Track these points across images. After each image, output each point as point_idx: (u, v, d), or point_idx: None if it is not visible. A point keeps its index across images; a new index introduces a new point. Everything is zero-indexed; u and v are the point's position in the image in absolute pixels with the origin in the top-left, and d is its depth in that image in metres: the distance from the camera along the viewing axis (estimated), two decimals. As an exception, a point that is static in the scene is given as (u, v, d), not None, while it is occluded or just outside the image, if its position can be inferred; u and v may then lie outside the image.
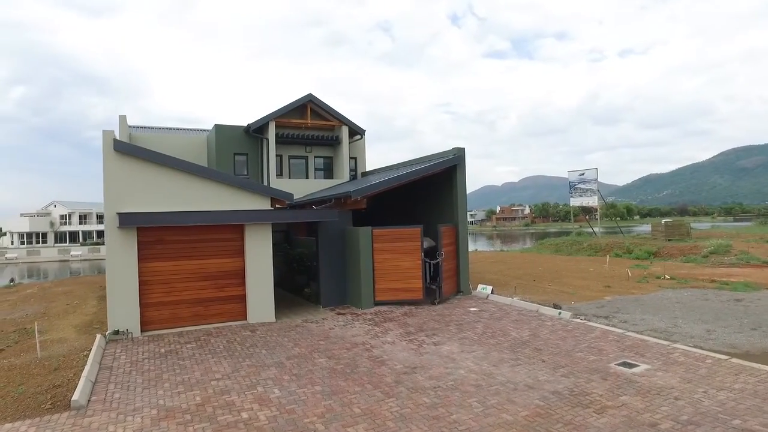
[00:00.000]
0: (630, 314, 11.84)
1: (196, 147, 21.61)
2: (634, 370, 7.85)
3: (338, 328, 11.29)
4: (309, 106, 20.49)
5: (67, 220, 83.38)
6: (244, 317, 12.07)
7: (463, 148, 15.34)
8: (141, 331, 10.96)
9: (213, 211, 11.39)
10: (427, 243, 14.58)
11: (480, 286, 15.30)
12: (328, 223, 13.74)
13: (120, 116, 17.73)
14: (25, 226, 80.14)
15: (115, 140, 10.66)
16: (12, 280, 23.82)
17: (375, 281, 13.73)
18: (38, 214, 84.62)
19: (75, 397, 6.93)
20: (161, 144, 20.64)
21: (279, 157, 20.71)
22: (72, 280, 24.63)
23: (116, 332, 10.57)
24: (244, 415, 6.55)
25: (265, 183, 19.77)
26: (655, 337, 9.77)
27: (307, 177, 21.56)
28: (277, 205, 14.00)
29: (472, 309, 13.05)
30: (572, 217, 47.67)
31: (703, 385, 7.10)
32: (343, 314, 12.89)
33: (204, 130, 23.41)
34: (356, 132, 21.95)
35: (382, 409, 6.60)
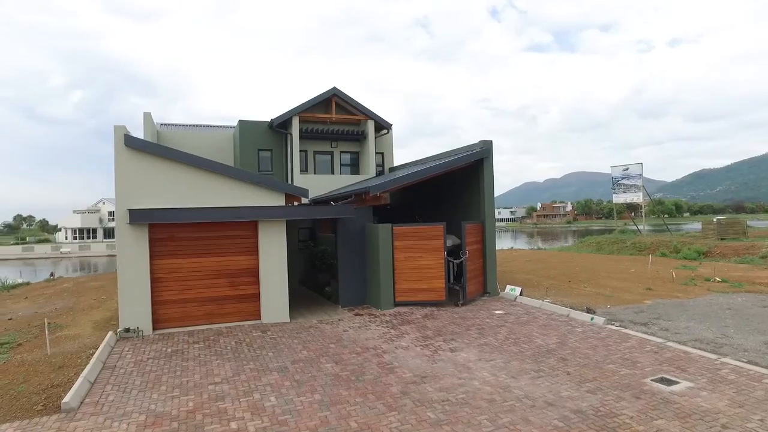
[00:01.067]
0: (672, 321, 10.71)
1: (223, 144, 21.62)
2: (674, 388, 6.90)
3: (352, 330, 10.77)
4: (333, 100, 20.03)
5: (115, 217, 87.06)
6: (258, 317, 11.74)
7: (490, 141, 14.48)
8: (153, 329, 10.81)
9: (224, 208, 11.09)
10: (452, 241, 13.85)
11: (508, 287, 14.41)
12: (347, 219, 13.23)
13: (144, 113, 17.84)
14: (77, 223, 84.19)
15: (126, 135, 10.52)
16: (52, 274, 24.74)
17: (395, 281, 13.13)
18: (89, 211, 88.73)
19: (66, 399, 6.70)
20: (188, 141, 20.77)
21: (304, 152, 20.39)
22: (107, 275, 25.28)
23: (127, 330, 10.45)
24: (233, 425, 6.10)
25: (290, 179, 19.52)
26: (700, 348, 8.70)
27: (332, 173, 21.14)
28: (295, 202, 13.64)
29: (497, 312, 12.23)
30: (615, 214, 45.27)
31: (759, 411, 6.09)
32: (361, 315, 12.36)
33: (231, 127, 23.41)
34: (383, 126, 21.34)
35: (381, 425, 6.00)
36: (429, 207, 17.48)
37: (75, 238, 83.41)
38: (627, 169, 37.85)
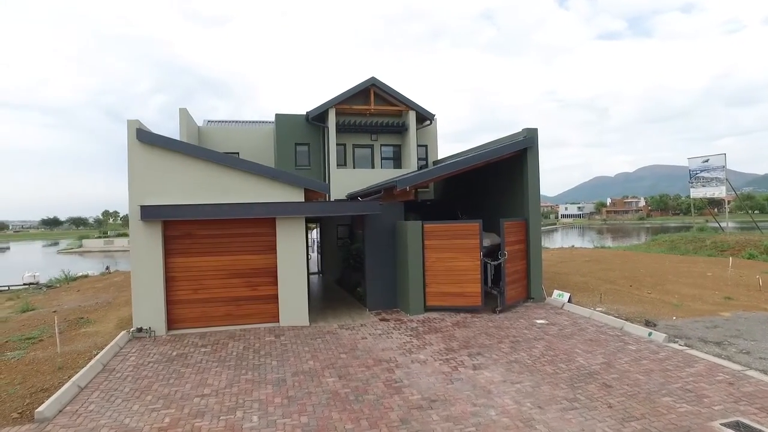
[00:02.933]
0: (757, 341, 8.78)
1: (264, 139, 21.37)
2: (751, 436, 5.33)
3: (371, 338, 9.82)
4: (372, 91, 19.11)
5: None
6: (277, 319, 11.10)
7: (535, 129, 12.95)
8: (168, 329, 10.48)
9: (239, 204, 10.51)
10: (491, 240, 12.51)
11: (555, 292, 12.82)
12: (375, 216, 12.28)
13: (180, 109, 17.84)
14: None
15: (138, 130, 10.20)
16: (107, 268, 25.86)
17: (426, 284, 12.03)
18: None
19: (41, 408, 6.28)
20: (230, 137, 20.75)
21: (342, 146, 19.68)
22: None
23: (139, 330, 10.17)
24: (200, 451, 5.37)
25: (327, 174, 18.90)
26: (791, 380, 6.90)
27: (372, 167, 20.26)
28: (319, 198, 12.89)
29: (538, 321, 10.79)
30: (693, 210, 40.94)
31: None
32: (387, 320, 11.38)
33: (273, 122, 23.20)
34: (425, 117, 20.16)
35: (364, 464, 5.02)
36: (472, 203, 16.19)
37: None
38: (707, 161, 33.94)
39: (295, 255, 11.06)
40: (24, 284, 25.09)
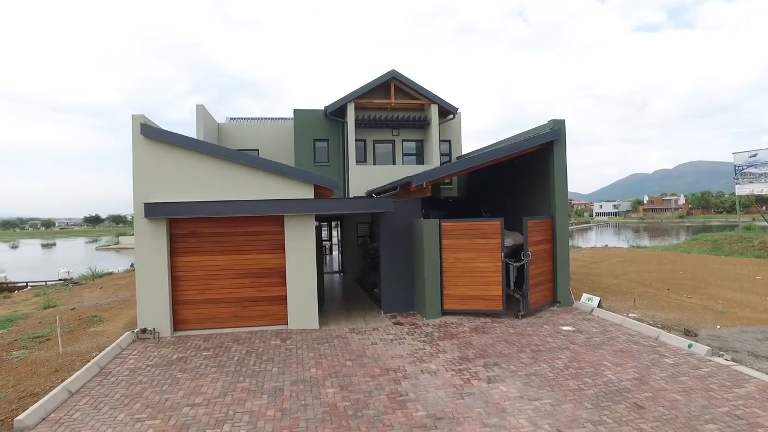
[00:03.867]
0: (815, 356, 7.74)
1: (285, 135, 21.06)
2: (815, 478, 4.45)
3: (382, 344, 9.21)
4: (393, 84, 18.46)
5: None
6: (285, 321, 10.64)
7: (563, 121, 12.05)
8: (174, 331, 10.17)
9: (245, 201, 10.08)
10: (514, 240, 11.72)
11: (584, 296, 11.90)
12: (389, 214, 11.66)
13: (197, 105, 17.68)
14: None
15: (142, 125, 9.89)
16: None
17: (443, 286, 11.34)
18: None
19: (21, 417, 5.95)
20: (250, 134, 20.53)
21: (362, 142, 19.12)
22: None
23: (144, 331, 9.88)
24: (175, 471, 4.89)
25: (346, 170, 18.39)
26: None
27: (393, 163, 19.62)
28: (331, 195, 12.37)
29: (564, 328, 9.94)
30: (738, 208, 38.56)
31: None
32: (401, 324, 10.76)
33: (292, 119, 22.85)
34: (448, 111, 19.38)
35: (352, 495, 4.42)
36: (496, 200, 15.37)
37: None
38: (755, 155, 31.68)
39: (305, 254, 10.56)
40: (59, 280, 25.87)
